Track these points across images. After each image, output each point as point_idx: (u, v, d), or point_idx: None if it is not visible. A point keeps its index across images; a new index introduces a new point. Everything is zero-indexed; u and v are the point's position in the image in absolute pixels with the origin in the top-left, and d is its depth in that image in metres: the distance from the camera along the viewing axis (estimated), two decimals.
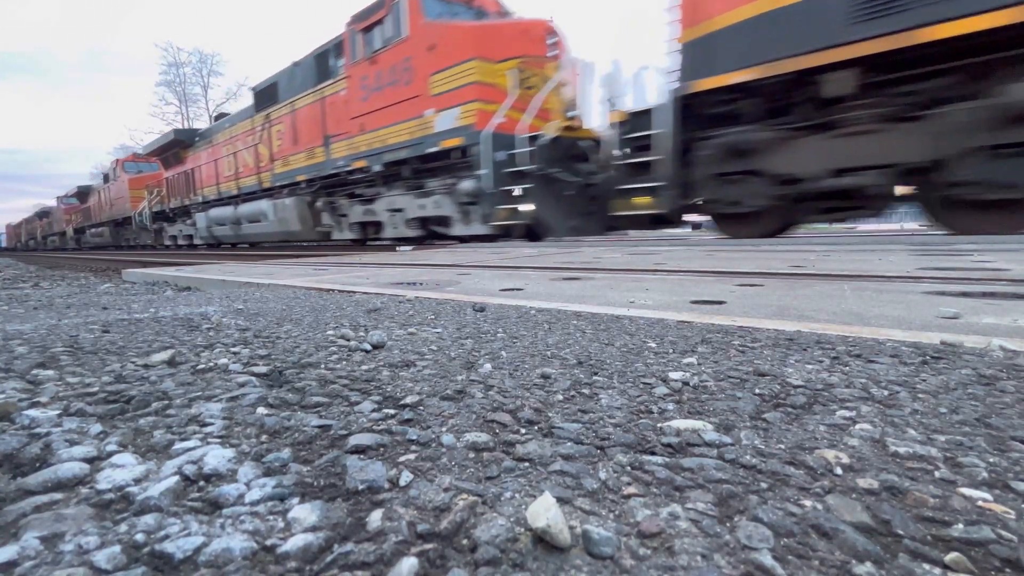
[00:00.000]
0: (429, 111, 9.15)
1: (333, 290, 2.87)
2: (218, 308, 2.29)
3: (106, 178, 29.93)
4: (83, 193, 35.61)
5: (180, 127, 28.27)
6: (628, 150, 7.62)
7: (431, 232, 10.45)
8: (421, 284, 3.03)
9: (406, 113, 9.63)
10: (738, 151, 6.57)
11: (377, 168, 10.55)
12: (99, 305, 2.59)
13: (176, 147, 19.22)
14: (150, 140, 26.19)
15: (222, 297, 2.77)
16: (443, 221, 9.99)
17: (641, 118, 7.45)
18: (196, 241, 19.48)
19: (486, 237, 9.29)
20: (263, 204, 14.41)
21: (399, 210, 10.67)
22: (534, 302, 2.12)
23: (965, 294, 1.96)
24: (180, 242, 20.80)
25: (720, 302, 1.99)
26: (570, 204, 8.76)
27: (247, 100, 16.18)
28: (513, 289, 2.61)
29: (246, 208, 15.30)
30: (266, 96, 13.81)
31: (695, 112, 6.93)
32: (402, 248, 8.83)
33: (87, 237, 33.96)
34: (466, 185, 9.09)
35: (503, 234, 9.14)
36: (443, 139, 9.08)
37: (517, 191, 8.60)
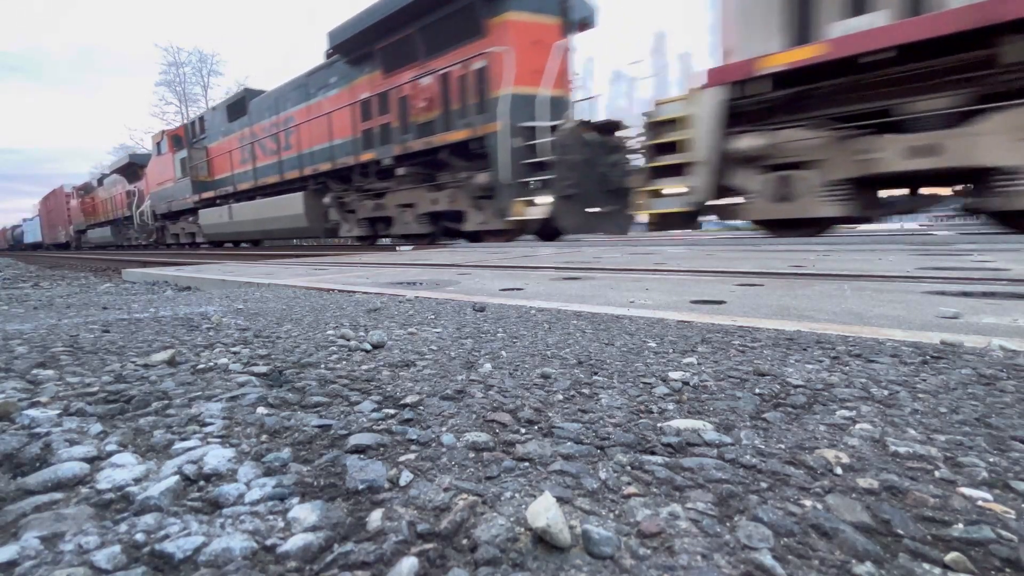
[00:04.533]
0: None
1: (333, 290, 2.87)
2: (218, 308, 2.29)
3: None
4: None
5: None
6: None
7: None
8: (421, 284, 3.03)
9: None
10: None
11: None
12: (99, 305, 2.59)
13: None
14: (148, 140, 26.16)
15: (222, 297, 2.77)
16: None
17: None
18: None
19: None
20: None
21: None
22: (534, 302, 2.12)
23: (965, 294, 1.96)
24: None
25: (720, 302, 1.99)
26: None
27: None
28: (513, 289, 2.61)
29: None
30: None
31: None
32: (402, 248, 8.80)
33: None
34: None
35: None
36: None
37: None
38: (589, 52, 9.27)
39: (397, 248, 8.87)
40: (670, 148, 7.16)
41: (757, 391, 0.96)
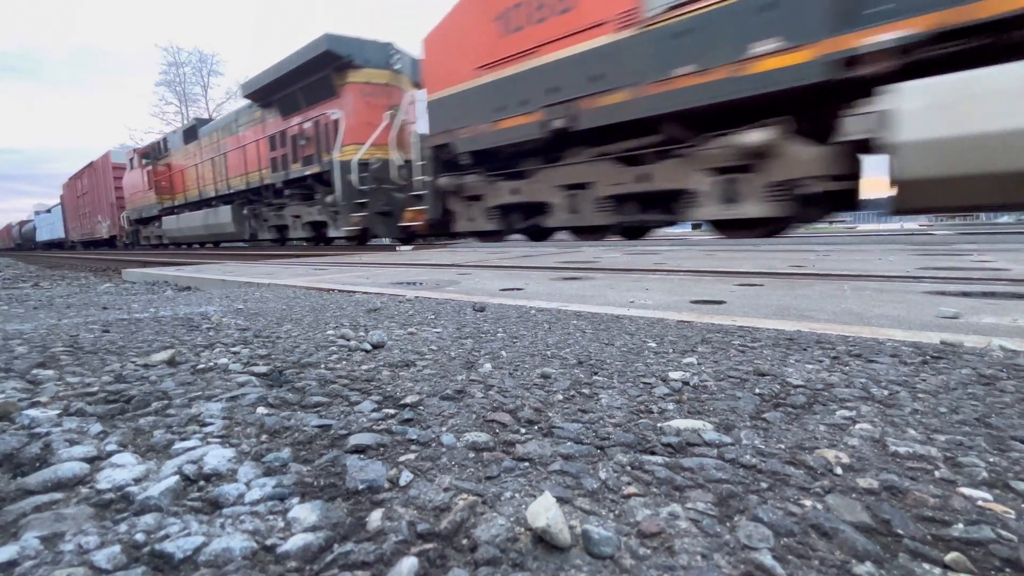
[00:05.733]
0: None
1: (333, 290, 2.87)
2: (218, 308, 2.29)
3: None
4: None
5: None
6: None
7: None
8: (421, 284, 3.03)
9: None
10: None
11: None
12: (99, 305, 2.59)
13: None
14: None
15: (222, 297, 2.77)
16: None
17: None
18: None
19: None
20: None
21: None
22: (534, 302, 2.12)
23: (965, 294, 1.96)
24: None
25: (720, 302, 1.99)
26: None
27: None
28: (513, 289, 2.61)
29: None
30: None
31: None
32: (402, 248, 8.86)
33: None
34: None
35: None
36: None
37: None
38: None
39: (397, 248, 8.91)
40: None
41: (757, 391, 0.96)
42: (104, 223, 23.92)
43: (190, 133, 17.36)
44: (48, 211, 34.62)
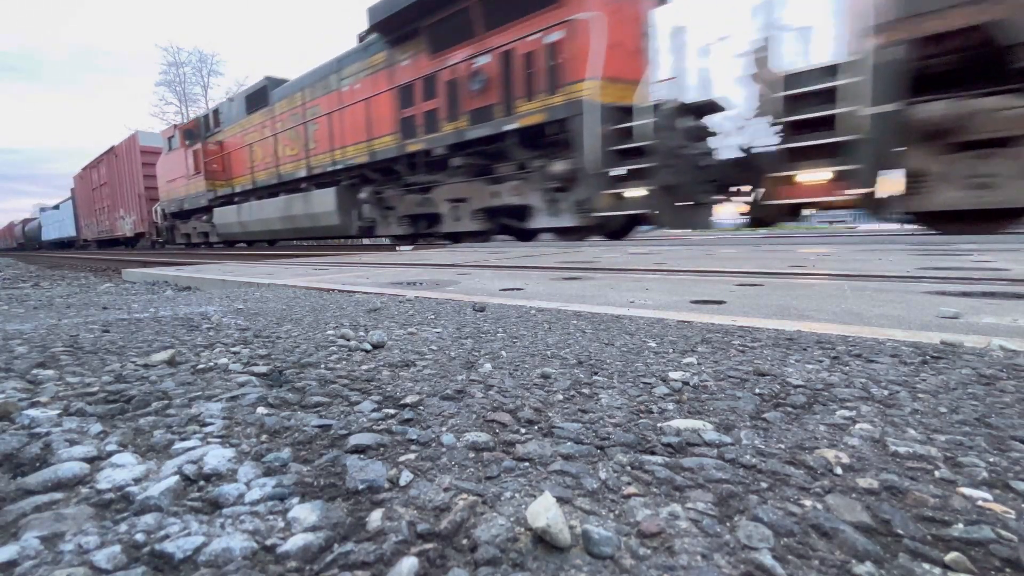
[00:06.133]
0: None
1: (333, 290, 2.87)
2: (218, 308, 2.29)
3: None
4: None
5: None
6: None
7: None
8: (421, 284, 3.03)
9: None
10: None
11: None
12: (99, 305, 2.59)
13: None
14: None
15: (222, 297, 2.77)
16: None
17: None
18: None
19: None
20: None
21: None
22: (534, 302, 2.12)
23: (965, 294, 1.96)
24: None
25: (720, 302, 1.99)
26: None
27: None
28: (513, 289, 2.61)
29: None
30: None
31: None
32: (402, 248, 8.82)
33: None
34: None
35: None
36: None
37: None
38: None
39: (397, 248, 8.88)
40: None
41: (757, 391, 0.96)
42: (127, 218, 20.05)
43: (257, 98, 13.11)
44: (56, 207, 30.79)
